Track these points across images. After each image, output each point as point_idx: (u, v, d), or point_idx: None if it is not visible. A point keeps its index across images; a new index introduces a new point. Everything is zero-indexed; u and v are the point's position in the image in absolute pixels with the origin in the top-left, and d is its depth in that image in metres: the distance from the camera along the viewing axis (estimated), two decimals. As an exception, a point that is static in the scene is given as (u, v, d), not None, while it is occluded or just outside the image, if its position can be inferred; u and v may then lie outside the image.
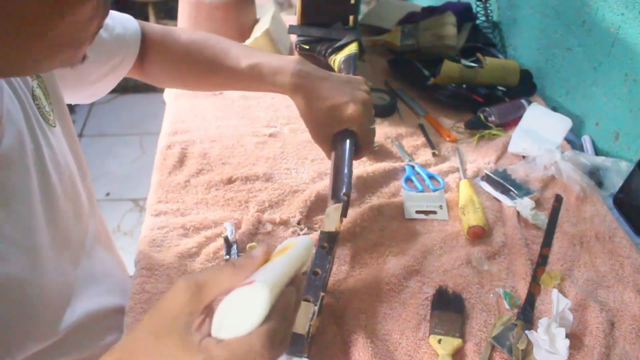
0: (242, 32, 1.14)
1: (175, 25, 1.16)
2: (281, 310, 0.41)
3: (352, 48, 0.93)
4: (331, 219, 0.63)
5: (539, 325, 0.62)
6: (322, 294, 0.58)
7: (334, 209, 0.64)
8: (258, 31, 1.07)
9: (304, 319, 0.54)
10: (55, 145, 0.58)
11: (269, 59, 0.72)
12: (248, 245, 0.70)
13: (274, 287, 0.41)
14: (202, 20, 1.10)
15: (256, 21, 1.18)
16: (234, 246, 0.70)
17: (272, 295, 0.40)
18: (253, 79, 0.72)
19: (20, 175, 0.52)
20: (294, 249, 0.47)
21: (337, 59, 0.92)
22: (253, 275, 0.43)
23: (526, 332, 0.62)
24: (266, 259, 0.46)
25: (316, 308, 0.55)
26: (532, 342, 0.61)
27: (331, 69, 0.95)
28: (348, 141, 0.72)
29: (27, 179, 0.52)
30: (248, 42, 1.07)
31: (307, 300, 0.56)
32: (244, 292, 0.41)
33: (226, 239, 0.70)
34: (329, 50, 0.95)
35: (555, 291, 0.65)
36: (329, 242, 0.63)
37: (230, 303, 0.41)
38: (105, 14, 0.45)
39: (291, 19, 1.14)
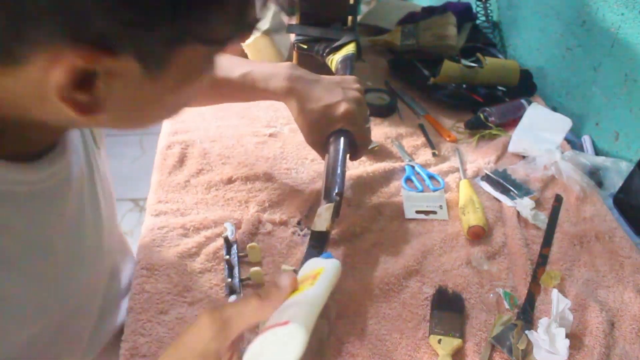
0: None
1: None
2: (315, 347, 0.40)
3: (350, 48, 0.93)
4: (322, 219, 0.64)
5: (539, 325, 0.62)
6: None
7: (325, 209, 0.64)
8: (258, 31, 1.07)
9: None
10: (102, 168, 0.59)
11: (260, 66, 0.73)
12: (248, 246, 0.70)
13: (308, 326, 0.39)
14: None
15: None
16: (234, 246, 0.70)
17: (308, 335, 0.38)
18: (246, 87, 0.73)
19: (79, 203, 0.52)
20: (324, 278, 0.45)
21: (335, 59, 0.92)
22: (283, 310, 0.41)
23: (526, 332, 0.62)
24: (294, 288, 0.44)
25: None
26: (532, 342, 0.61)
27: (329, 69, 0.95)
28: (342, 140, 0.72)
29: (82, 207, 0.52)
30: (248, 42, 1.07)
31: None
32: (278, 333, 0.39)
33: (226, 239, 0.70)
34: (327, 50, 0.95)
35: (555, 291, 0.65)
36: (319, 242, 0.63)
37: (264, 344, 0.39)
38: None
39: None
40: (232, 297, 0.63)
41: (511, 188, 0.83)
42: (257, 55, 1.06)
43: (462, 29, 1.23)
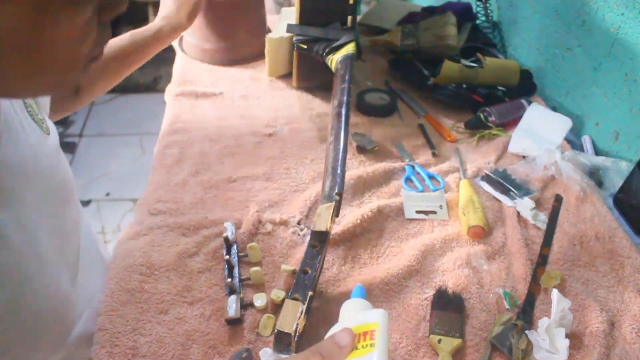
0: (251, 31, 1.15)
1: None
2: None
3: (350, 48, 0.93)
4: (322, 218, 0.63)
5: (539, 325, 0.62)
6: (310, 293, 0.58)
7: (325, 208, 0.64)
8: (275, 34, 1.06)
9: (292, 317, 0.54)
10: (52, 153, 0.58)
11: None
12: (248, 246, 0.70)
13: None
14: (210, 20, 1.11)
15: (264, 21, 1.19)
16: (234, 246, 0.70)
17: None
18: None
19: (21, 182, 0.51)
20: (382, 338, 0.44)
21: (334, 59, 0.93)
22: None
23: (526, 331, 0.62)
24: (354, 346, 0.44)
25: (304, 307, 0.56)
26: (532, 341, 0.61)
27: (328, 69, 0.95)
28: (343, 139, 0.72)
29: (27, 187, 0.52)
30: (271, 36, 1.06)
31: (295, 299, 0.56)
32: None
33: (226, 239, 0.70)
34: (327, 50, 0.95)
35: (555, 291, 0.65)
36: (319, 242, 0.63)
37: None
38: (101, 41, 0.43)
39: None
40: (232, 297, 0.63)
41: (511, 188, 0.83)
42: (276, 53, 1.06)
43: (462, 29, 1.23)
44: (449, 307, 0.65)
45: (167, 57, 1.33)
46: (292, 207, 0.79)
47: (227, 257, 0.68)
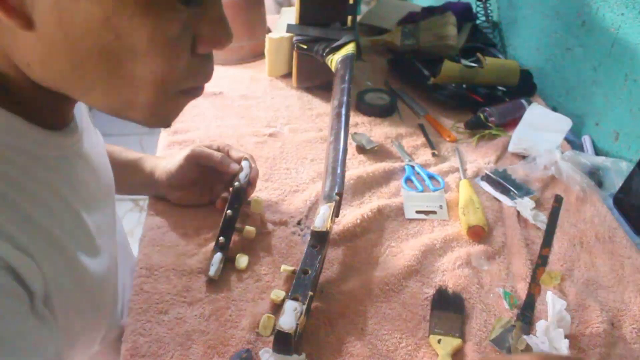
0: (251, 31, 1.15)
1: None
2: None
3: (350, 48, 0.93)
4: (322, 219, 0.64)
5: (537, 328, 0.62)
6: (310, 293, 0.58)
7: (325, 209, 0.64)
8: (275, 34, 1.06)
9: (291, 317, 0.54)
10: (102, 149, 0.60)
11: None
12: (254, 199, 0.72)
13: None
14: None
15: (264, 21, 1.19)
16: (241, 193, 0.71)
17: None
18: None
19: (95, 174, 0.53)
20: None
21: (334, 59, 0.93)
22: None
23: (525, 336, 0.62)
24: None
25: (304, 307, 0.56)
26: (532, 346, 0.61)
27: (328, 69, 0.95)
28: (343, 139, 0.72)
29: (99, 183, 0.54)
30: (272, 36, 1.06)
31: (295, 299, 0.56)
32: None
33: (236, 190, 0.71)
34: (327, 50, 0.95)
35: (549, 293, 0.65)
36: (319, 242, 0.63)
37: None
38: (196, 74, 0.41)
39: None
40: (217, 255, 0.67)
41: (511, 188, 0.83)
42: (276, 53, 1.06)
43: (462, 29, 1.23)
44: (449, 307, 0.65)
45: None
46: (292, 207, 0.79)
47: (229, 212, 0.70)
